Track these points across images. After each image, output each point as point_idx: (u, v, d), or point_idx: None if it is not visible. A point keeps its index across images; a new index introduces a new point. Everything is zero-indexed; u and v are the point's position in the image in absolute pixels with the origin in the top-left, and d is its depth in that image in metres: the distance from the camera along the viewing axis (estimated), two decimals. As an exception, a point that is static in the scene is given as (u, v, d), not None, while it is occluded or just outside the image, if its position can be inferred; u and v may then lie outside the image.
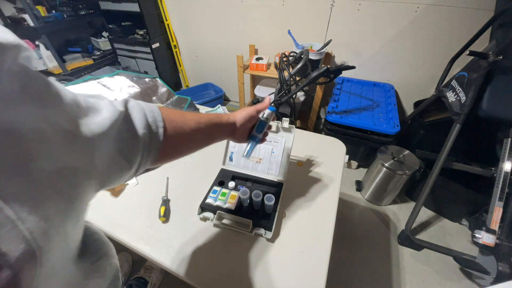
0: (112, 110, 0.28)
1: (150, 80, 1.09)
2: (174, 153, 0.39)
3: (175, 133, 0.37)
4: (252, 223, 0.61)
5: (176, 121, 0.38)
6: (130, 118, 0.31)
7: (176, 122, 0.38)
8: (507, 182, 1.00)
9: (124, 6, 2.02)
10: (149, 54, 2.23)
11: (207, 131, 0.44)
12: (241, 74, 1.86)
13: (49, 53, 2.09)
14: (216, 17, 2.01)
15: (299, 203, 0.71)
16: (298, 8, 1.70)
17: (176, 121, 0.38)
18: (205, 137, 0.45)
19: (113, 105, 0.29)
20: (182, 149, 0.41)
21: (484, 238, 1.00)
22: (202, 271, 0.55)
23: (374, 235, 1.35)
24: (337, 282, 1.15)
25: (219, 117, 0.47)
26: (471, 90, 1.04)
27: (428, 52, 1.56)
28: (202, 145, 0.45)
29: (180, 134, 0.38)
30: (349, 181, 1.65)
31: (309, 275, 0.54)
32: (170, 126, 0.36)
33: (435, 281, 1.16)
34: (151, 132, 0.33)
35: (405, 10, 1.47)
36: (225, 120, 0.48)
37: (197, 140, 0.43)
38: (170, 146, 0.37)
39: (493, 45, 1.05)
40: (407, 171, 1.30)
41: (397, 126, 1.41)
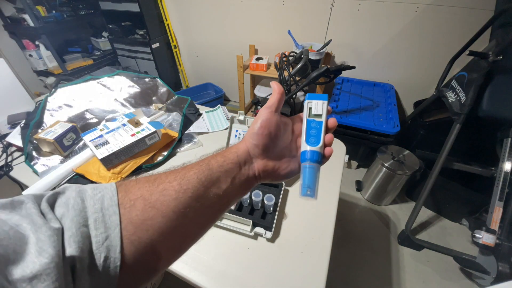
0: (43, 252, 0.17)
1: (150, 80, 1.09)
2: (144, 277, 0.23)
3: (147, 246, 0.22)
4: (252, 223, 0.61)
5: (148, 218, 0.22)
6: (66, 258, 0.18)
7: (148, 220, 0.22)
8: (507, 182, 1.00)
9: (124, 6, 2.02)
10: (149, 54, 2.23)
11: (203, 204, 0.25)
12: (241, 74, 1.86)
13: (49, 53, 2.09)
14: (216, 17, 2.01)
15: (299, 203, 0.70)
16: (298, 8, 1.70)
17: (147, 218, 0.22)
18: (204, 214, 0.26)
19: (40, 237, 0.17)
20: (162, 261, 0.24)
21: (484, 238, 1.00)
22: (202, 271, 0.55)
23: (374, 235, 1.35)
24: (337, 282, 1.15)
25: (214, 159, 0.28)
26: (471, 90, 1.04)
27: (428, 52, 1.56)
28: (202, 230, 0.28)
29: (156, 241, 0.22)
30: (349, 181, 1.65)
31: (309, 275, 0.54)
32: (135, 238, 0.21)
33: (435, 281, 1.16)
34: (95, 274, 0.19)
35: (405, 10, 1.47)
36: (230, 160, 0.28)
37: (188, 231, 0.25)
38: (135, 274, 0.22)
39: (493, 45, 1.05)
40: (407, 171, 1.30)
41: (397, 126, 1.41)
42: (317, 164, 0.29)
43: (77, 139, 0.84)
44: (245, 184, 0.29)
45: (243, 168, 0.28)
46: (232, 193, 0.28)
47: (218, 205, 0.27)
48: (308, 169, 0.29)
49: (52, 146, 0.78)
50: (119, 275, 0.20)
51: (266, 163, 0.29)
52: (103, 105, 0.97)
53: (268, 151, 0.29)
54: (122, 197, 0.23)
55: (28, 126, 0.83)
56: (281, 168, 0.30)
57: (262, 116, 0.29)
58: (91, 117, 0.92)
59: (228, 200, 0.28)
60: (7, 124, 0.95)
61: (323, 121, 0.31)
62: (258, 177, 0.29)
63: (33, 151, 0.80)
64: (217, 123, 0.98)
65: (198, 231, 0.27)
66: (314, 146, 0.29)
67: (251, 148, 0.29)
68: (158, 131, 0.80)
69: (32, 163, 0.77)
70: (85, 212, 0.21)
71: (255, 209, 0.66)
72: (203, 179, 0.25)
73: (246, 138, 0.30)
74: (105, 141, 0.74)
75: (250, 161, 0.29)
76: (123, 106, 0.99)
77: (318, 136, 0.30)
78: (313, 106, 0.32)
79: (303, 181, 0.29)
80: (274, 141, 0.29)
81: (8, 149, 0.85)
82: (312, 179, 0.29)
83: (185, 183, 0.24)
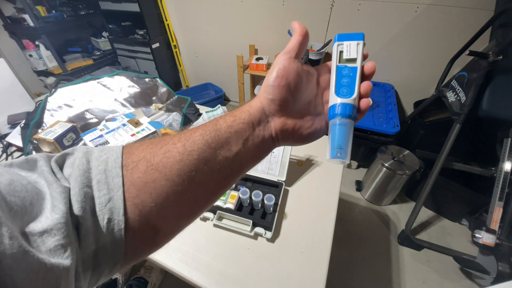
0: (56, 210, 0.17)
1: (150, 80, 1.09)
2: (153, 242, 0.23)
3: (152, 209, 0.21)
4: (252, 223, 0.61)
5: (154, 180, 0.21)
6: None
7: (154, 183, 0.21)
8: (507, 182, 1.00)
9: (124, 6, 2.02)
10: (149, 54, 2.23)
11: (213, 162, 0.23)
12: (241, 74, 1.86)
13: (49, 53, 2.09)
14: (216, 17, 2.01)
15: (299, 203, 0.71)
16: (298, 8, 1.70)
17: (152, 181, 0.21)
18: (213, 178, 0.24)
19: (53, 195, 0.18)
20: (173, 226, 0.24)
21: (484, 238, 1.00)
22: (202, 271, 0.55)
23: (374, 235, 1.35)
24: (337, 282, 1.15)
25: (223, 119, 0.25)
26: (471, 90, 1.04)
27: (428, 52, 1.56)
28: (211, 194, 0.25)
29: (163, 202, 0.21)
30: (349, 181, 1.65)
31: (309, 275, 0.54)
32: (142, 197, 0.20)
33: (435, 281, 1.16)
34: (99, 235, 0.19)
35: (405, 10, 1.47)
36: (241, 119, 0.24)
37: (197, 193, 0.23)
38: (143, 239, 0.21)
39: (493, 45, 1.04)
40: (407, 171, 1.30)
41: (397, 126, 1.41)
42: (350, 120, 0.24)
43: (77, 139, 0.84)
44: (260, 146, 0.25)
45: (257, 128, 0.25)
46: (246, 156, 0.25)
47: (229, 169, 0.24)
48: (339, 126, 0.24)
49: (52, 146, 0.78)
50: (124, 238, 0.20)
51: (285, 122, 0.25)
52: (103, 105, 0.97)
53: (287, 106, 0.25)
54: (125, 158, 0.22)
55: (28, 126, 0.83)
56: (304, 127, 0.26)
57: (278, 64, 0.25)
58: (91, 117, 0.92)
59: (241, 164, 0.25)
60: (7, 124, 0.95)
61: (357, 66, 0.25)
62: (276, 138, 0.26)
63: (33, 151, 0.80)
64: (217, 123, 0.98)
65: (208, 197, 0.25)
66: (346, 98, 0.24)
67: (266, 104, 0.25)
68: (158, 131, 0.80)
69: (32, 163, 0.77)
70: (89, 173, 0.20)
71: (255, 209, 0.66)
72: (209, 141, 0.23)
73: (261, 93, 0.25)
74: (105, 141, 0.74)
75: (266, 120, 0.25)
76: (123, 106, 0.99)
77: (352, 86, 0.25)
78: (344, 48, 0.25)
79: (332, 141, 0.24)
80: (294, 94, 0.25)
81: (8, 149, 0.85)
82: (343, 138, 0.24)
83: (189, 145, 0.22)
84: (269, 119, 0.25)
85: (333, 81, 0.26)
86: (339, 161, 0.25)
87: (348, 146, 0.24)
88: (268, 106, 0.25)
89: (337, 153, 0.24)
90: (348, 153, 0.24)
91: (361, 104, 0.25)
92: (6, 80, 0.97)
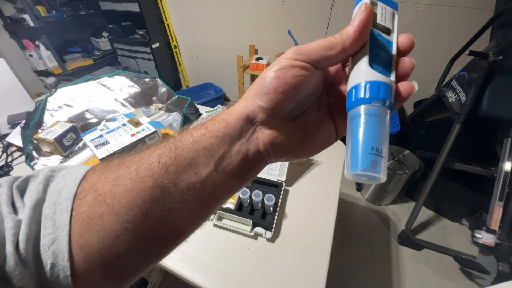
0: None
1: (150, 80, 1.09)
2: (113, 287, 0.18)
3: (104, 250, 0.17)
4: (252, 223, 0.61)
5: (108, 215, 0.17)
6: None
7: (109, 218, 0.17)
8: (507, 182, 1.00)
9: (124, 6, 2.02)
10: (149, 54, 2.23)
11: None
12: (241, 74, 1.86)
13: (49, 53, 2.09)
14: (216, 17, 2.01)
15: (299, 203, 0.70)
16: (298, 8, 1.70)
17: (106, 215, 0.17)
18: (177, 211, 0.18)
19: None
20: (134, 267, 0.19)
21: (484, 238, 1.00)
22: (202, 271, 0.55)
23: (374, 235, 1.35)
24: (337, 282, 1.15)
25: (189, 133, 0.20)
26: (471, 90, 1.03)
27: (428, 52, 1.56)
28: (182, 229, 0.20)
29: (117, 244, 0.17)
30: (349, 181, 1.65)
31: (309, 275, 0.54)
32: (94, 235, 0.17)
33: (435, 281, 1.16)
34: (44, 283, 0.16)
35: (405, 10, 1.47)
36: (213, 131, 0.19)
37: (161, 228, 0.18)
38: (96, 285, 0.18)
39: (493, 45, 1.04)
40: (407, 171, 1.30)
41: (397, 126, 1.41)
42: (386, 109, 0.16)
43: (77, 139, 0.84)
44: (243, 166, 0.19)
45: (238, 142, 0.19)
46: (221, 180, 0.19)
47: (197, 200, 0.18)
48: (369, 117, 0.16)
49: (52, 146, 0.78)
50: (73, 285, 0.16)
51: (277, 134, 0.19)
52: (103, 105, 0.97)
53: (282, 114, 0.19)
54: (82, 184, 0.18)
55: (28, 126, 0.82)
56: (304, 138, 0.20)
57: (280, 64, 0.18)
58: (91, 117, 0.92)
59: (214, 191, 0.19)
60: (7, 124, 0.95)
61: (393, 41, 0.18)
62: (265, 154, 0.20)
63: (33, 151, 0.80)
64: (217, 123, 0.98)
65: (174, 233, 0.19)
66: (384, 76, 0.16)
67: (253, 111, 0.19)
68: (158, 131, 0.80)
69: (32, 163, 0.77)
70: (41, 205, 0.17)
71: (255, 209, 0.66)
72: (168, 163, 0.18)
73: (249, 96, 0.20)
74: (105, 141, 0.74)
75: (251, 130, 0.19)
76: (123, 106, 0.99)
77: (388, 62, 0.17)
78: (378, 11, 0.18)
79: (358, 143, 0.16)
80: (293, 98, 0.19)
81: (8, 149, 0.85)
82: (379, 136, 0.16)
83: (144, 169, 0.18)
84: (256, 129, 0.20)
85: (366, 49, 0.17)
86: (368, 179, 0.16)
87: (387, 150, 0.16)
88: (255, 114, 0.19)
89: (371, 164, 0.15)
90: (386, 162, 0.16)
91: (401, 88, 0.17)
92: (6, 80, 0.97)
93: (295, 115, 0.20)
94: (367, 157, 0.15)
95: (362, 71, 0.17)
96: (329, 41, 0.18)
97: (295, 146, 0.20)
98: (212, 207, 0.20)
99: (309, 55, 0.18)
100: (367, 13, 0.17)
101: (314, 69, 0.18)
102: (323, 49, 0.18)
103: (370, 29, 0.17)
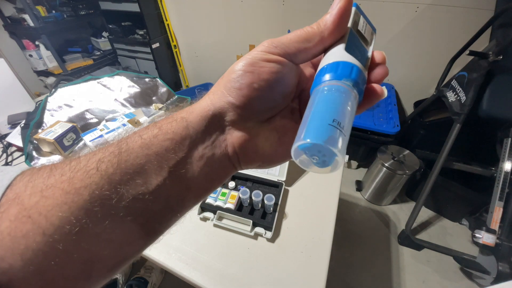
0: None
1: (150, 80, 1.09)
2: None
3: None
4: (252, 223, 0.61)
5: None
6: None
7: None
8: (507, 182, 1.00)
9: (124, 6, 2.02)
10: (149, 54, 2.23)
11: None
12: (241, 74, 1.86)
13: (49, 53, 2.09)
14: (216, 17, 2.01)
15: (299, 203, 0.71)
16: (298, 8, 1.70)
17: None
18: (120, 228, 0.15)
19: None
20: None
21: (484, 238, 1.00)
22: (202, 271, 0.55)
23: (374, 235, 1.35)
24: (337, 282, 1.15)
25: (138, 134, 0.17)
26: (471, 90, 1.04)
27: (428, 52, 1.56)
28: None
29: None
30: (349, 181, 1.65)
31: (309, 275, 0.54)
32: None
33: (435, 281, 1.16)
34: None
35: (405, 10, 1.47)
36: (168, 132, 0.16)
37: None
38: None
39: (493, 45, 1.04)
40: (407, 171, 1.30)
41: (397, 126, 1.41)
42: (356, 93, 0.15)
43: (77, 139, 0.84)
44: (206, 173, 0.17)
45: (201, 146, 0.16)
46: (179, 192, 0.16)
47: (147, 215, 0.15)
48: (336, 92, 0.14)
49: (52, 146, 0.78)
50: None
51: (248, 137, 0.17)
52: (103, 105, 0.97)
53: (255, 113, 0.17)
54: (5, 194, 0.14)
55: (28, 126, 0.83)
56: (280, 141, 0.18)
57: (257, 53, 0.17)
58: (91, 117, 0.92)
59: (168, 204, 0.16)
60: (7, 124, 0.95)
61: (369, 51, 0.18)
62: (234, 158, 0.18)
63: (33, 151, 0.80)
64: (217, 123, 0.98)
65: (115, 255, 0.16)
66: (358, 61, 0.16)
67: (221, 108, 0.17)
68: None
69: (32, 163, 0.77)
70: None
71: (255, 209, 0.66)
72: (109, 170, 0.15)
73: (217, 90, 0.17)
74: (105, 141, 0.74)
75: (218, 130, 0.17)
76: (123, 106, 0.99)
77: (364, 59, 0.17)
78: (360, 21, 0.19)
79: (325, 112, 0.14)
80: (268, 94, 0.17)
81: (8, 149, 0.85)
82: (343, 111, 0.14)
83: (80, 178, 0.14)
84: (224, 130, 0.17)
85: (345, 40, 0.17)
86: (320, 160, 0.14)
87: (348, 132, 0.14)
88: (223, 112, 0.17)
89: (329, 137, 0.13)
90: (346, 142, 0.13)
91: (373, 88, 0.16)
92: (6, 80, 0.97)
93: (267, 117, 0.18)
94: (326, 128, 0.13)
95: (338, 53, 0.16)
96: (306, 32, 0.17)
97: (268, 151, 0.18)
98: (166, 223, 0.17)
99: (285, 48, 0.17)
100: (346, 1, 0.16)
101: (291, 64, 0.17)
102: (300, 41, 0.17)
103: (349, 19, 0.17)
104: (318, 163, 0.14)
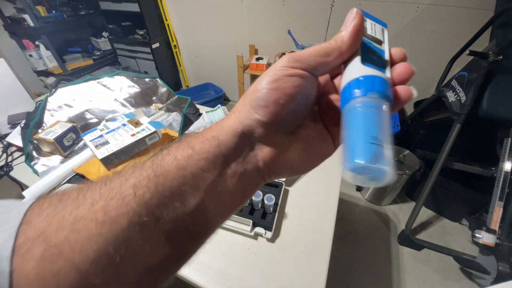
0: None
1: (150, 80, 1.09)
2: None
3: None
4: (252, 223, 0.61)
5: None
6: None
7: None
8: (507, 182, 1.00)
9: (124, 6, 2.02)
10: (149, 54, 2.23)
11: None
12: (241, 74, 1.86)
13: (49, 53, 2.09)
14: (216, 17, 2.01)
15: (299, 203, 0.70)
16: (298, 8, 1.70)
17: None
18: (157, 251, 0.15)
19: None
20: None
21: (484, 238, 1.00)
22: (202, 271, 0.55)
23: (374, 235, 1.35)
24: (337, 282, 1.15)
25: (172, 154, 0.16)
26: (471, 90, 1.04)
27: (428, 52, 1.56)
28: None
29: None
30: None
31: (309, 275, 0.54)
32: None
33: (435, 281, 1.16)
34: None
35: (405, 10, 1.47)
36: (203, 152, 0.16)
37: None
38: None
39: (493, 45, 1.04)
40: (407, 171, 1.30)
41: (397, 126, 1.41)
42: (384, 101, 0.15)
43: (77, 139, 0.84)
44: (240, 187, 0.17)
45: (233, 163, 0.17)
46: (214, 208, 0.16)
47: (186, 237, 0.16)
48: (367, 108, 0.15)
49: (52, 146, 0.78)
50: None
51: (278, 151, 0.18)
52: (103, 105, 0.97)
53: (282, 127, 0.18)
54: (22, 233, 0.13)
55: (28, 126, 0.83)
56: (308, 151, 0.19)
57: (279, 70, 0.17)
58: (91, 117, 0.92)
59: (206, 220, 0.16)
60: (7, 124, 0.95)
61: (385, 50, 0.18)
62: (265, 172, 0.18)
63: (33, 151, 0.80)
64: (217, 123, 0.98)
65: (153, 282, 0.15)
66: (377, 70, 0.16)
67: (249, 126, 0.17)
68: (158, 131, 0.80)
69: (32, 163, 0.77)
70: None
71: (255, 209, 0.66)
72: (146, 195, 0.14)
73: (243, 108, 0.18)
74: (105, 141, 0.74)
75: (248, 147, 0.18)
76: (123, 106, 0.99)
77: (382, 63, 0.17)
78: (368, 26, 0.19)
79: (355, 135, 0.14)
80: (293, 110, 0.18)
81: (8, 149, 0.85)
82: (379, 126, 0.14)
83: (114, 206, 0.14)
84: (254, 146, 0.18)
85: (358, 52, 0.18)
86: (371, 176, 0.14)
87: (387, 139, 0.14)
88: (251, 129, 0.17)
89: (373, 155, 0.13)
90: (391, 154, 0.14)
91: (399, 91, 0.17)
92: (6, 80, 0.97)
93: (292, 128, 0.19)
94: (367, 148, 0.13)
95: (356, 68, 0.17)
96: (325, 47, 0.18)
97: (297, 161, 0.19)
98: (203, 241, 0.17)
99: (307, 62, 0.17)
100: (359, 17, 0.18)
101: (312, 77, 0.18)
102: (320, 55, 0.18)
103: (362, 33, 0.18)
104: (371, 178, 0.15)
